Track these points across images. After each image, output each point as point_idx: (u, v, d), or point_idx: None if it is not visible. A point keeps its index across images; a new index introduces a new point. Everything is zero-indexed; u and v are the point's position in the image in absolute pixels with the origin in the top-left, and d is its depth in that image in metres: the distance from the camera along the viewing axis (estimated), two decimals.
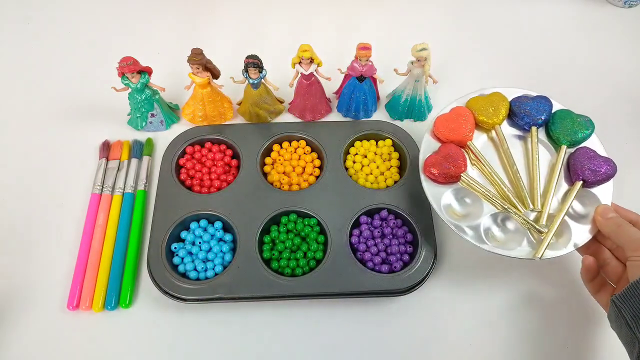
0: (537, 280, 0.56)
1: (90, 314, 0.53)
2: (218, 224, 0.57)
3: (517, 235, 0.52)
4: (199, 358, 0.52)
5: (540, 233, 0.51)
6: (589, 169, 0.52)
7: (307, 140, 0.63)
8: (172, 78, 0.66)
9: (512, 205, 0.52)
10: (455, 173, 0.53)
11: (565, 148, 0.55)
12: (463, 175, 0.53)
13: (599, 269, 0.50)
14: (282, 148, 0.63)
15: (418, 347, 0.52)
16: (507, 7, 0.81)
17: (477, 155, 0.55)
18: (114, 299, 0.53)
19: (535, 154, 0.55)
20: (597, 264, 0.49)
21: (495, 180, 0.54)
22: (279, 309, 0.54)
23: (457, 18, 0.80)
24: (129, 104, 0.63)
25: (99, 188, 0.60)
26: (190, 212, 0.57)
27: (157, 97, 0.63)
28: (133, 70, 0.58)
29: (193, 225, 0.57)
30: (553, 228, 0.50)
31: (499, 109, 0.57)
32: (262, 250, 0.55)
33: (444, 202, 0.53)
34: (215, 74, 0.62)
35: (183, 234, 0.56)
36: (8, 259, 0.56)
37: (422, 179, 0.54)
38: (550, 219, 0.52)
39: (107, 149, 0.64)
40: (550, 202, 0.52)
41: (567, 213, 0.52)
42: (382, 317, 0.54)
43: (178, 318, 0.53)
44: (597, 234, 0.51)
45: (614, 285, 0.48)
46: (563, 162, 0.55)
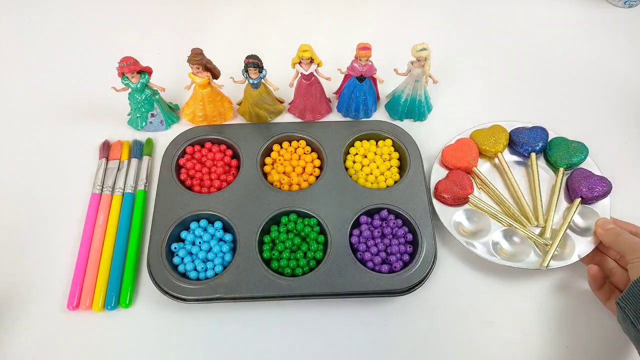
0: (537, 282, 0.56)
1: (91, 314, 0.53)
2: (218, 224, 0.57)
3: (524, 247, 0.56)
4: (199, 358, 0.52)
5: (545, 245, 0.55)
6: (586, 187, 0.57)
7: (307, 141, 0.63)
8: (172, 78, 0.66)
9: (517, 222, 0.57)
10: (464, 195, 0.57)
11: (563, 170, 0.60)
12: (471, 197, 0.58)
13: (605, 277, 0.52)
14: (282, 148, 0.63)
15: (418, 347, 0.52)
16: (507, 7, 0.81)
17: (482, 180, 0.60)
18: (114, 299, 0.53)
19: (536, 177, 0.60)
20: (601, 272, 0.52)
21: (501, 200, 0.59)
22: (279, 309, 0.54)
23: (457, 18, 0.80)
24: (129, 104, 0.63)
25: (99, 188, 0.60)
26: (190, 212, 0.57)
27: (157, 97, 0.63)
28: (133, 71, 0.58)
29: (193, 225, 0.57)
30: (557, 239, 0.55)
31: (500, 139, 0.62)
32: (262, 250, 0.55)
33: (455, 221, 0.57)
34: (216, 74, 0.62)
35: (183, 234, 0.56)
36: (8, 259, 0.56)
37: (434, 203, 0.58)
38: (554, 233, 0.56)
39: (107, 149, 0.64)
40: (553, 218, 0.57)
41: (569, 227, 0.56)
42: (382, 317, 0.54)
43: (178, 318, 0.53)
44: (599, 245, 0.55)
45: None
46: (562, 183, 0.60)
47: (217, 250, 0.55)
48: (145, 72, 0.60)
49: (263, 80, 0.61)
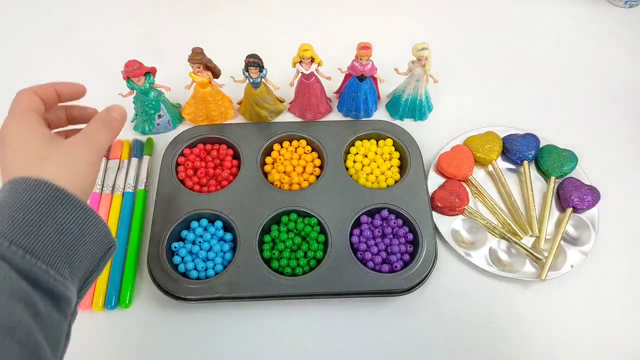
0: (534, 285, 0.55)
1: (91, 313, 0.53)
2: (218, 224, 0.57)
3: (520, 258, 0.56)
4: (199, 358, 0.52)
5: (539, 260, 0.55)
6: (577, 197, 0.58)
7: (307, 140, 0.63)
8: (172, 77, 0.66)
9: (511, 234, 0.57)
10: (460, 205, 0.58)
11: (554, 179, 0.61)
12: (466, 208, 0.58)
13: None
14: (282, 147, 0.63)
15: (418, 346, 0.52)
16: (507, 6, 0.81)
17: (478, 189, 0.60)
18: (114, 299, 0.53)
19: (529, 186, 0.60)
20: None
21: (496, 210, 0.59)
22: (280, 309, 0.54)
23: (457, 18, 0.80)
24: (134, 109, 0.63)
25: (100, 187, 0.60)
26: (191, 211, 0.57)
27: (162, 97, 0.63)
28: (139, 75, 0.58)
29: (193, 225, 0.56)
30: (552, 252, 0.55)
31: (494, 147, 0.63)
32: (262, 250, 0.55)
33: (454, 229, 0.58)
34: (216, 74, 0.62)
35: (183, 233, 0.56)
36: None
37: (432, 211, 0.58)
38: (548, 243, 0.57)
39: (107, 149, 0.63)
40: (546, 228, 0.58)
41: (561, 237, 0.57)
42: (382, 316, 0.54)
43: (178, 317, 0.53)
44: None
45: None
46: (553, 191, 0.60)
47: (217, 250, 0.55)
48: (150, 72, 0.60)
49: (263, 80, 0.61)
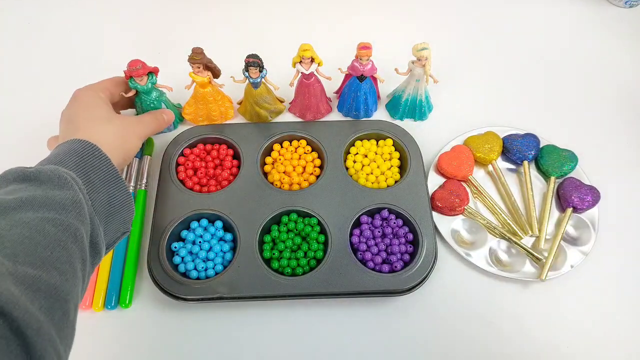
0: (535, 285, 0.55)
1: (91, 314, 0.53)
2: (218, 224, 0.57)
3: (521, 258, 0.56)
4: (199, 358, 0.52)
5: (539, 260, 0.55)
6: (577, 197, 0.58)
7: (307, 140, 0.63)
8: (172, 78, 0.66)
9: (512, 234, 0.57)
10: (460, 205, 0.58)
11: (554, 179, 0.61)
12: (466, 208, 0.58)
13: None
14: (282, 147, 0.63)
15: (418, 346, 0.52)
16: (507, 6, 0.81)
17: (478, 189, 0.60)
18: (114, 299, 0.53)
19: (529, 185, 0.60)
20: None
21: (496, 210, 0.59)
22: (280, 309, 0.54)
23: (458, 17, 0.80)
24: (136, 110, 0.63)
25: None
26: (191, 211, 0.57)
27: (163, 97, 0.62)
28: (142, 74, 0.57)
29: (193, 225, 0.56)
30: (552, 252, 0.55)
31: (494, 147, 0.63)
32: (262, 250, 0.55)
33: (454, 229, 0.58)
34: (216, 74, 0.62)
35: (183, 234, 0.56)
36: None
37: (432, 211, 0.58)
38: (548, 243, 0.57)
39: None
40: (546, 228, 0.58)
41: (561, 237, 0.57)
42: (382, 316, 0.54)
43: (178, 318, 0.53)
44: None
45: None
46: (553, 191, 0.60)
47: (217, 250, 0.55)
48: (153, 72, 0.59)
49: (263, 80, 0.61)
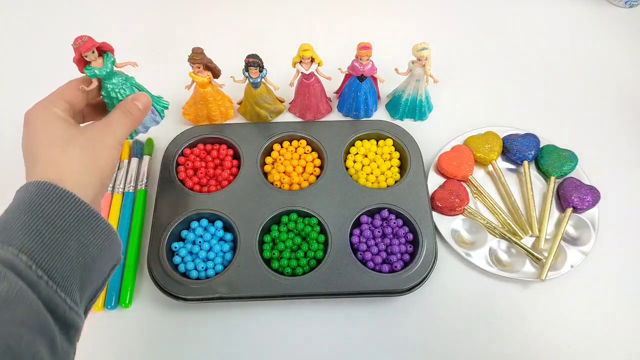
0: (535, 284, 0.55)
1: (91, 314, 0.53)
2: (218, 224, 0.57)
3: (521, 258, 0.56)
4: (199, 357, 0.52)
5: (539, 260, 0.55)
6: (577, 197, 0.58)
7: (307, 140, 0.63)
8: (172, 78, 0.66)
9: (511, 234, 0.57)
10: (460, 205, 0.58)
11: (554, 179, 0.61)
12: (466, 207, 0.58)
13: None
14: (282, 147, 0.63)
15: (418, 346, 0.52)
16: (507, 6, 0.81)
17: (478, 189, 0.60)
18: (114, 299, 0.53)
19: (529, 186, 0.60)
20: None
21: (496, 210, 0.59)
22: (280, 309, 0.54)
23: (458, 17, 0.80)
24: (107, 107, 0.49)
25: None
26: (191, 211, 0.57)
27: (132, 80, 0.50)
28: (90, 48, 0.46)
29: (193, 225, 0.56)
30: (552, 252, 0.55)
31: (494, 147, 0.63)
32: (262, 250, 0.55)
33: (453, 231, 0.58)
34: (216, 74, 0.62)
35: (183, 233, 0.56)
36: None
37: (432, 211, 0.58)
38: (548, 243, 0.57)
39: None
40: (546, 228, 0.58)
41: (561, 237, 0.57)
42: (382, 316, 0.54)
43: (178, 317, 0.53)
44: None
45: None
46: (553, 191, 0.60)
47: (217, 250, 0.55)
48: (108, 51, 0.48)
49: (263, 80, 0.61)
